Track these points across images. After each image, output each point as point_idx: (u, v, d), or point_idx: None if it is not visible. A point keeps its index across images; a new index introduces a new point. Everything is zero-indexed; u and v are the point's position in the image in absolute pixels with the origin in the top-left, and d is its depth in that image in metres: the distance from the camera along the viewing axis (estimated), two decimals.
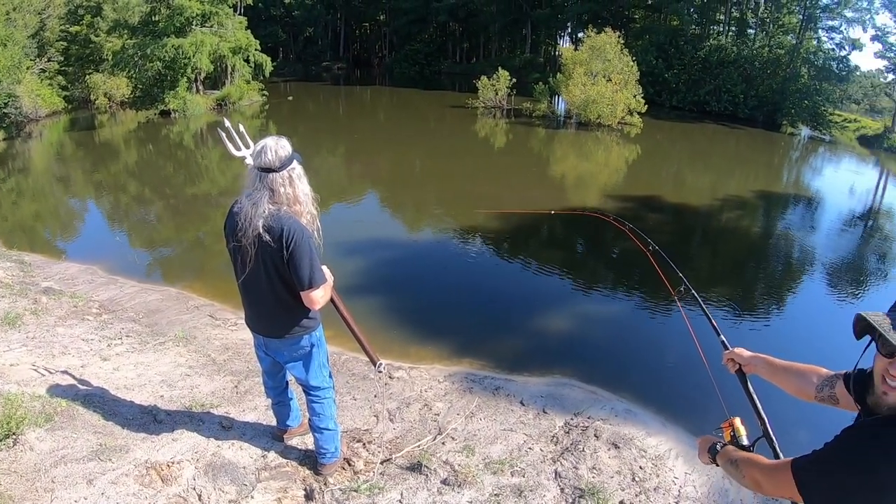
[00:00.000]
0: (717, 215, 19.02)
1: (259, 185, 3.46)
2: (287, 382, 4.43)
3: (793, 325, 10.80)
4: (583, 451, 5.23)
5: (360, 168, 22.70)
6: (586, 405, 6.46)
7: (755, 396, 2.57)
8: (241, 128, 4.31)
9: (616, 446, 5.42)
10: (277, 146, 3.46)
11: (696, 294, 3.42)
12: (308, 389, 4.12)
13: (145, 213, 15.27)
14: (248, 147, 4.20)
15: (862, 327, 1.73)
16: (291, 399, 4.56)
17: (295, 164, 3.55)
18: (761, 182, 26.13)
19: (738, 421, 2.41)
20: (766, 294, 12.59)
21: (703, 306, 3.25)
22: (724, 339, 2.94)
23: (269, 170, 3.44)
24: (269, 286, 3.63)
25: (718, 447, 2.33)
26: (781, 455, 2.31)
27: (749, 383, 2.64)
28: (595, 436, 5.56)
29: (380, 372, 4.18)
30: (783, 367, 2.48)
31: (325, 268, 3.76)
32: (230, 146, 4.17)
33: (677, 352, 8.40)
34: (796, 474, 1.75)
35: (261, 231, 3.41)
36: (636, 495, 4.76)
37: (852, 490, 1.63)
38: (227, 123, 4.25)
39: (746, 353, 2.66)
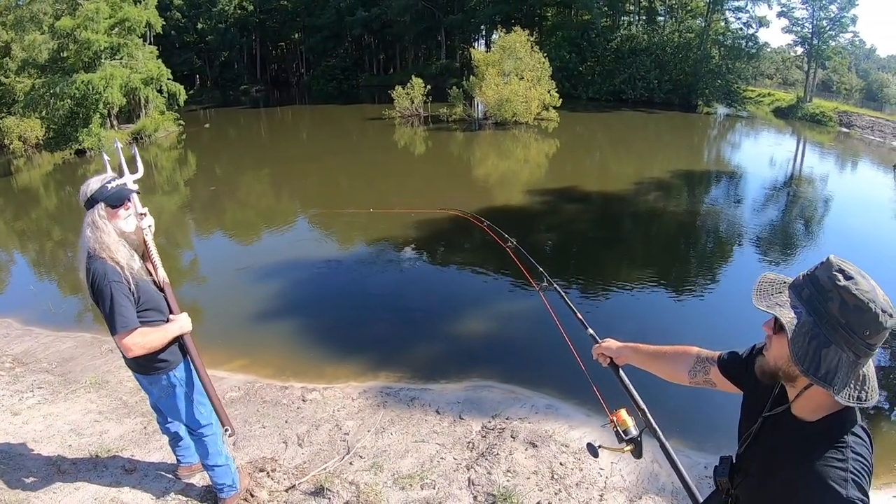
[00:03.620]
0: (642, 199, 19.32)
1: (84, 222, 3.36)
2: None
3: (724, 299, 10.95)
4: (497, 454, 5.11)
5: (278, 190, 22.37)
6: (505, 406, 6.34)
7: (630, 387, 2.47)
8: (135, 149, 4.19)
9: (534, 445, 5.29)
10: (89, 182, 3.34)
11: (557, 288, 3.37)
12: (189, 429, 3.94)
13: (63, 259, 14.74)
14: (134, 172, 3.99)
15: None
16: (185, 436, 4.35)
17: (98, 207, 3.36)
18: (683, 162, 26.80)
19: (623, 413, 2.33)
20: (698, 270, 12.88)
21: (567, 299, 3.20)
22: (592, 332, 2.87)
23: (87, 205, 3.35)
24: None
25: None
26: (668, 444, 2.23)
27: (623, 374, 2.55)
28: (512, 437, 5.43)
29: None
30: (652, 353, 2.46)
31: (184, 314, 3.59)
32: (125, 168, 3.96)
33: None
34: None
35: (83, 272, 3.31)
36: (555, 493, 4.64)
37: None
38: (119, 144, 4.15)
39: (615, 344, 2.63)
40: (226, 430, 3.79)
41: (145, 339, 3.39)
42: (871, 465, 1.60)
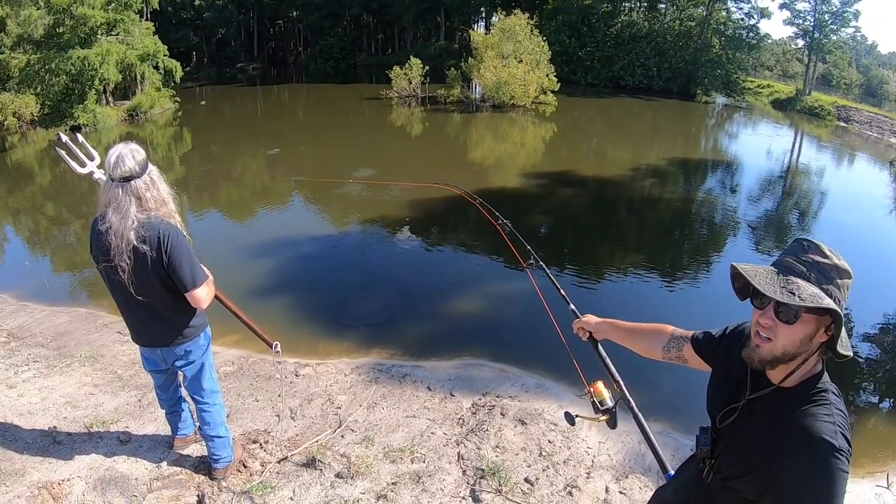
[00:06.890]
0: (637, 185, 19.44)
1: (123, 196, 3.29)
2: (180, 394, 4.29)
3: (713, 286, 10.99)
4: (487, 430, 5.18)
5: (272, 167, 22.23)
6: (495, 384, 6.44)
7: (608, 360, 2.60)
8: (80, 138, 4.07)
9: (523, 422, 5.37)
10: (133, 152, 3.31)
11: (544, 266, 3.52)
12: (199, 396, 3.99)
13: (58, 235, 14.72)
14: (92, 159, 3.97)
15: (735, 278, 1.84)
16: (185, 409, 4.42)
17: (150, 165, 3.41)
18: (680, 150, 26.82)
19: (600, 385, 2.43)
20: (690, 257, 13.04)
21: (551, 276, 3.33)
22: (573, 307, 2.99)
23: (130, 178, 3.29)
24: (157, 296, 3.50)
25: None
26: (640, 414, 2.33)
27: (601, 348, 2.68)
28: (501, 414, 5.51)
29: (277, 352, 4.20)
30: (629, 329, 2.59)
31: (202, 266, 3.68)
32: (73, 164, 3.90)
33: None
34: None
35: (135, 243, 3.27)
36: (543, 470, 4.72)
37: None
38: (64, 138, 3.97)
39: (594, 319, 2.74)
40: (275, 346, 4.18)
41: (211, 288, 3.66)
42: (849, 421, 1.72)
